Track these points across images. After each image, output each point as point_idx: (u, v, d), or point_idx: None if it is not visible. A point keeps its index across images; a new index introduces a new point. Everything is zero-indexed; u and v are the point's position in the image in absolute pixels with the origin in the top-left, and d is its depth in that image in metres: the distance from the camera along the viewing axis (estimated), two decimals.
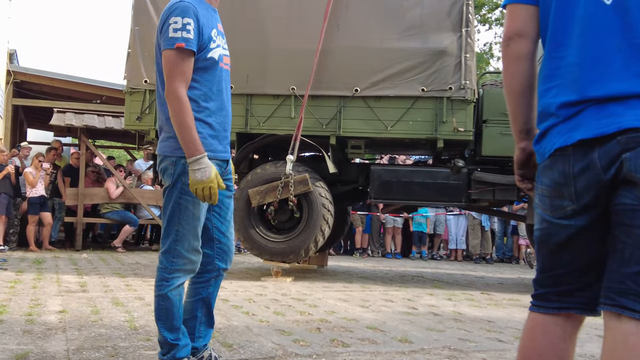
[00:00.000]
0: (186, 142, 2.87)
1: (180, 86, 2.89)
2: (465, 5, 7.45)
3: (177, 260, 3.01)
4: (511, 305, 6.50)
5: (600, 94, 1.76)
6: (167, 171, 3.03)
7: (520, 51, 1.97)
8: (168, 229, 3.02)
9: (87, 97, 13.93)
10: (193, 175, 2.88)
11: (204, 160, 2.89)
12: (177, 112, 2.88)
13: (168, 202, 3.02)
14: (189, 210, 3.00)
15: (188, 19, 2.89)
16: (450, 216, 13.35)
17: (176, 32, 2.87)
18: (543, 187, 1.91)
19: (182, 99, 2.88)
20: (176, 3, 2.94)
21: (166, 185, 3.05)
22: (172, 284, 3.02)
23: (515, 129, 2.06)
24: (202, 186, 2.88)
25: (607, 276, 1.80)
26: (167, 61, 2.91)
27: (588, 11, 1.81)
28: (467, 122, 7.51)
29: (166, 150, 3.03)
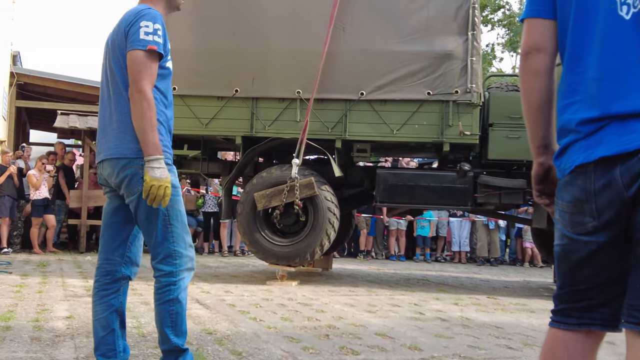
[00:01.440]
0: (149, 141, 2.85)
1: (148, 86, 2.90)
2: (471, 8, 7.43)
3: (179, 261, 2.98)
4: (518, 310, 6.48)
5: (622, 110, 1.74)
6: (136, 176, 2.94)
7: (538, 66, 1.96)
8: (162, 235, 2.96)
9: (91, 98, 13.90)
10: (152, 172, 2.84)
11: (162, 161, 2.89)
12: (144, 111, 2.86)
13: (150, 209, 2.92)
14: (176, 209, 2.98)
15: (159, 24, 2.95)
16: (453, 218, 13.33)
17: (148, 35, 2.90)
18: (564, 202, 1.90)
19: (151, 99, 2.88)
20: (145, 9, 2.99)
21: (137, 192, 2.94)
22: (179, 286, 2.98)
23: (534, 144, 2.04)
24: (158, 184, 2.84)
25: (630, 293, 1.79)
26: (136, 61, 2.90)
27: (607, 26, 1.79)
28: (473, 125, 7.50)
29: (130, 152, 2.95)
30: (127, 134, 2.96)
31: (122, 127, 2.98)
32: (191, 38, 7.96)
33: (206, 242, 12.82)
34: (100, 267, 3.17)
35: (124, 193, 3.01)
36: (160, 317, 2.99)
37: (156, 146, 2.87)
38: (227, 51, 7.83)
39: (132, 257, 3.22)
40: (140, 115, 2.86)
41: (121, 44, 2.98)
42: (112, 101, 3.04)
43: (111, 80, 3.05)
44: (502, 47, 27.49)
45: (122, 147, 2.97)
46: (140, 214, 2.97)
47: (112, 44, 3.05)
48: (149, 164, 2.85)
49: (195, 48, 7.92)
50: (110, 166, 3.00)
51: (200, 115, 7.85)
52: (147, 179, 2.85)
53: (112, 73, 3.04)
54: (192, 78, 7.86)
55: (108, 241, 3.16)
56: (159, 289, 2.99)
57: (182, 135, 8.16)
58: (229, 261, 11.01)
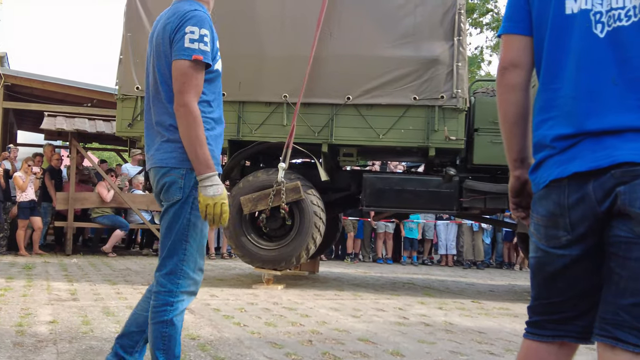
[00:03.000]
0: (199, 158, 2.72)
1: (194, 99, 2.75)
2: (457, 14, 7.47)
3: (182, 282, 2.82)
4: (502, 314, 6.52)
5: (595, 127, 1.78)
6: (174, 185, 2.81)
7: (514, 81, 1.99)
8: (173, 249, 2.82)
9: (78, 100, 13.86)
10: (205, 191, 2.72)
11: (215, 177, 2.75)
12: (190, 127, 2.72)
13: (176, 220, 2.81)
14: (198, 228, 2.83)
15: (205, 30, 2.77)
16: (440, 222, 13.38)
17: (193, 43, 2.73)
18: (538, 216, 1.93)
19: (196, 113, 2.73)
20: (192, 12, 2.79)
21: (172, 200, 2.82)
22: (176, 308, 2.82)
23: (510, 158, 2.07)
24: (213, 202, 2.71)
25: (602, 307, 1.82)
26: (180, 72, 2.74)
27: (582, 44, 1.83)
28: (458, 130, 7.54)
29: (172, 161, 2.82)
30: (170, 142, 2.84)
31: (163, 135, 2.87)
32: None
33: None
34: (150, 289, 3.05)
35: (162, 198, 2.90)
36: (153, 338, 2.85)
37: (207, 163, 2.73)
38: None
39: None
40: (187, 131, 2.73)
41: (166, 50, 2.82)
42: (154, 108, 2.93)
43: (153, 87, 2.92)
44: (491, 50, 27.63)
45: (164, 156, 2.85)
46: (164, 221, 2.86)
47: (156, 46, 2.88)
48: (202, 183, 2.73)
49: None
50: (153, 174, 2.92)
51: None
52: (201, 200, 2.74)
53: (154, 79, 2.91)
54: None
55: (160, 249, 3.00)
56: (155, 306, 2.83)
57: None
58: (215, 264, 11.00)
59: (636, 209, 1.71)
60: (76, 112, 12.32)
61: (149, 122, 2.98)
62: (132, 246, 13.52)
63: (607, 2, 1.81)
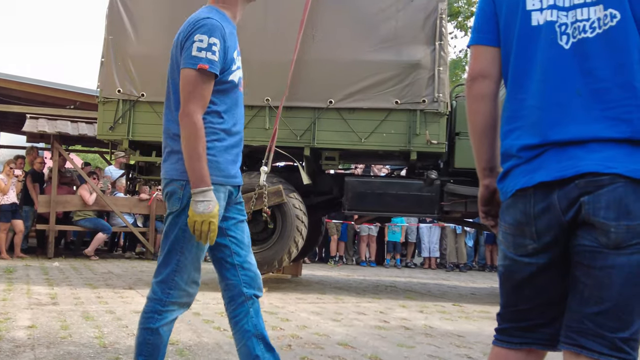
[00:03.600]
0: (194, 171, 2.66)
1: (197, 110, 2.68)
2: (439, 19, 7.51)
3: (173, 292, 2.77)
4: (482, 317, 6.56)
5: (560, 137, 1.81)
6: (174, 195, 2.77)
7: (483, 91, 2.02)
8: (168, 258, 2.78)
9: (61, 102, 13.78)
10: (195, 206, 2.65)
11: (209, 193, 2.67)
12: (189, 138, 2.66)
13: (172, 229, 2.77)
14: (193, 240, 2.76)
15: (215, 39, 2.70)
16: (423, 224, 13.42)
17: (200, 52, 2.67)
18: (506, 224, 1.96)
19: (198, 125, 2.66)
20: (204, 19, 2.73)
21: (171, 210, 2.79)
22: (164, 317, 2.77)
23: (479, 167, 2.10)
24: (201, 219, 2.64)
25: (567, 315, 1.85)
26: (186, 81, 2.69)
27: (547, 55, 1.86)
28: (440, 134, 7.57)
29: (174, 173, 2.79)
30: (174, 154, 2.80)
31: (170, 145, 2.82)
32: (162, 44, 7.93)
33: None
34: (223, 296, 2.97)
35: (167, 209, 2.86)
36: (138, 342, 2.80)
37: (201, 177, 2.66)
38: None
39: (249, 274, 2.95)
40: (186, 141, 2.67)
41: (177, 57, 2.78)
42: (164, 115, 2.89)
43: (167, 93, 2.87)
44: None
45: (169, 167, 2.82)
46: (164, 229, 2.83)
47: (171, 56, 2.84)
48: (194, 197, 2.66)
49: (165, 54, 7.84)
50: (161, 183, 2.88)
51: None
52: (190, 214, 2.67)
53: (168, 88, 2.86)
54: (161, 85, 7.76)
55: (217, 268, 2.96)
56: (145, 312, 2.80)
57: (150, 142, 8.15)
58: None
59: (600, 219, 1.74)
60: (59, 114, 12.24)
61: None
62: (115, 249, 13.47)
63: (572, 14, 1.84)
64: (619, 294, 1.75)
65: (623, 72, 1.78)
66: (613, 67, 1.78)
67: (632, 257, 1.74)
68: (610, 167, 1.73)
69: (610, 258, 1.75)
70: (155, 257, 12.06)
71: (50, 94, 13.84)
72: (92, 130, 11.72)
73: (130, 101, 7.86)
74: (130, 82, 7.82)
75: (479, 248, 13.80)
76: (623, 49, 1.78)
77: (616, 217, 1.73)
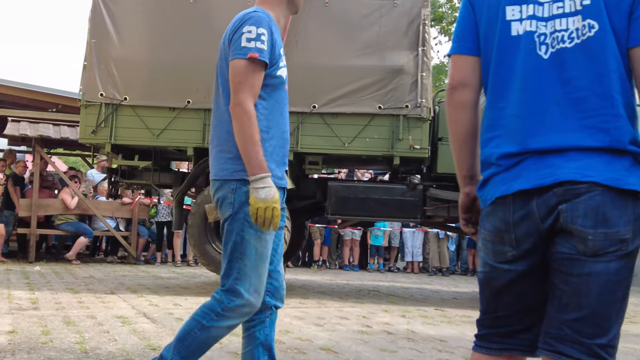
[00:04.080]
0: (251, 158, 2.60)
1: (249, 99, 2.64)
2: (422, 24, 7.56)
3: (236, 300, 2.69)
4: (464, 322, 6.59)
5: (539, 146, 1.83)
6: (225, 201, 2.72)
7: (463, 100, 2.04)
8: (230, 267, 2.71)
9: (43, 105, 13.69)
10: (256, 193, 2.58)
11: (268, 179, 2.61)
12: (244, 126, 2.61)
13: (229, 237, 2.70)
14: (252, 245, 2.69)
15: (263, 29, 2.69)
16: (406, 229, 13.46)
17: (249, 42, 2.65)
18: (486, 232, 1.98)
19: (251, 112, 2.63)
20: (250, 12, 2.74)
21: (224, 217, 2.73)
22: (220, 321, 2.70)
23: (460, 175, 2.13)
24: (264, 206, 2.58)
25: (546, 322, 1.87)
26: (236, 71, 2.67)
27: (527, 64, 1.88)
28: (422, 139, 7.62)
29: (224, 173, 2.72)
30: (224, 152, 2.74)
31: (220, 144, 2.77)
32: (145, 48, 7.93)
33: (159, 252, 12.71)
34: None
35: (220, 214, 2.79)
36: (183, 330, 2.74)
37: (259, 164, 2.60)
38: (180, 62, 7.81)
39: (275, 284, 2.93)
40: (240, 130, 2.63)
41: (226, 52, 2.77)
42: (213, 115, 2.86)
43: (215, 92, 2.85)
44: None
45: (218, 168, 2.76)
46: (223, 238, 2.76)
47: (219, 52, 2.84)
48: (253, 184, 2.59)
49: (148, 58, 7.89)
50: (211, 186, 2.83)
51: (152, 126, 7.81)
52: (252, 202, 2.60)
53: (217, 84, 2.85)
54: (144, 89, 7.83)
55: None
56: (205, 305, 2.75)
57: (132, 145, 8.13)
58: (181, 271, 10.94)
59: (578, 227, 1.76)
60: (40, 117, 12.16)
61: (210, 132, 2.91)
62: (97, 253, 13.38)
63: (551, 24, 1.86)
64: (597, 301, 1.77)
65: (601, 81, 1.81)
66: (591, 76, 1.81)
67: (610, 265, 1.77)
68: (587, 175, 1.76)
69: (588, 265, 1.77)
70: (137, 262, 12.02)
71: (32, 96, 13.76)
72: (74, 134, 11.64)
73: (112, 105, 7.83)
74: (113, 86, 7.80)
75: (462, 252, 13.87)
76: (601, 59, 1.81)
77: (594, 225, 1.75)
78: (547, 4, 1.87)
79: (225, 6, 7.84)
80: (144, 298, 7.11)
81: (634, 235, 1.78)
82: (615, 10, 1.80)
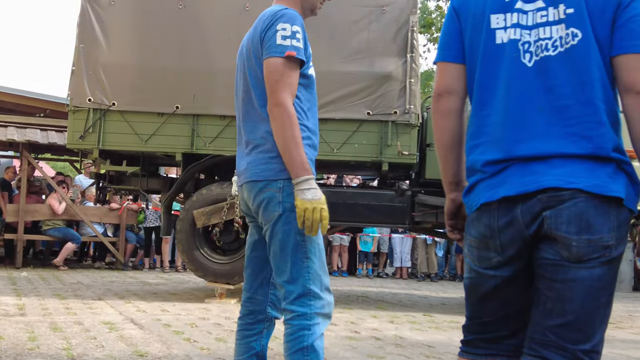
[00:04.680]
0: (295, 160, 2.48)
1: (289, 98, 2.53)
2: (410, 31, 7.59)
3: (314, 303, 2.53)
4: (452, 327, 6.61)
5: (523, 153, 1.85)
6: (273, 200, 2.55)
7: (449, 107, 2.05)
8: (296, 271, 2.53)
9: (30, 110, 13.64)
10: (303, 195, 2.46)
11: (312, 181, 2.50)
12: (286, 127, 2.50)
13: (286, 238, 2.54)
14: (314, 242, 2.57)
15: (297, 26, 2.59)
16: (395, 235, 13.48)
17: (285, 40, 2.55)
18: (471, 238, 1.99)
19: (292, 112, 2.52)
20: (282, 10, 2.62)
21: (274, 217, 2.55)
22: (314, 332, 2.51)
23: (446, 181, 2.14)
24: (312, 207, 2.45)
25: (530, 327, 1.88)
26: (273, 70, 2.54)
27: (511, 72, 1.90)
28: (411, 145, 7.64)
29: (269, 173, 2.57)
30: (265, 152, 2.60)
31: (259, 144, 2.62)
32: (133, 54, 7.92)
33: (147, 258, 12.66)
34: (243, 304, 2.81)
35: (261, 221, 2.61)
36: None
37: (303, 165, 2.49)
38: (169, 68, 7.81)
39: (279, 297, 2.74)
40: (282, 131, 2.51)
41: (257, 51, 2.63)
42: (244, 118, 2.72)
43: (245, 94, 2.71)
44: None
45: (261, 168, 2.60)
46: (274, 245, 2.57)
47: (247, 51, 2.70)
48: (298, 187, 2.48)
49: (137, 64, 7.88)
50: (248, 189, 2.64)
51: (140, 132, 7.79)
52: (298, 204, 2.47)
53: (246, 85, 2.70)
54: (132, 94, 7.82)
55: (250, 277, 2.78)
56: (290, 334, 2.53)
57: (121, 151, 8.11)
58: (169, 277, 10.91)
59: (562, 233, 1.78)
60: (28, 122, 12.11)
61: (240, 137, 2.77)
62: (84, 259, 13.32)
63: (535, 32, 1.88)
64: (581, 307, 1.79)
65: (584, 89, 1.83)
66: (574, 84, 1.83)
67: (594, 271, 1.79)
68: (571, 182, 1.77)
69: (572, 271, 1.79)
70: (125, 268, 11.96)
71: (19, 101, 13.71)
72: (62, 139, 11.59)
73: (101, 110, 7.81)
74: (101, 91, 7.77)
75: (450, 258, 13.91)
76: (584, 67, 1.83)
77: (577, 232, 1.77)
78: (531, 13, 1.89)
79: (213, 12, 7.86)
80: (132, 304, 7.09)
81: (617, 241, 1.80)
82: (598, 19, 1.82)
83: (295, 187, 2.50)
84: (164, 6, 7.92)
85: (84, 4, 7.86)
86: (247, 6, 7.75)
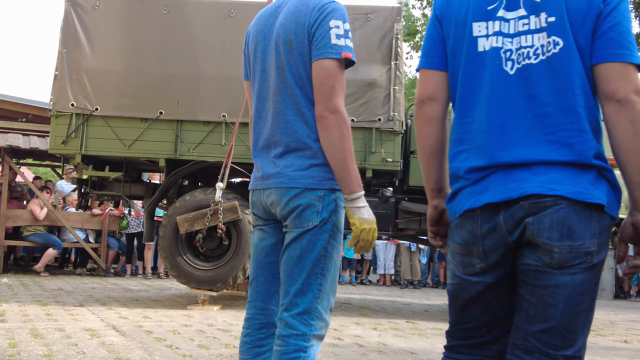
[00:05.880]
0: (351, 174, 2.32)
1: (343, 105, 2.34)
2: (395, 39, 7.63)
3: (315, 324, 2.36)
4: (435, 334, 6.62)
5: (506, 160, 1.86)
6: (310, 208, 2.35)
7: (431, 114, 2.07)
8: (308, 284, 2.37)
9: (12, 115, 13.52)
10: (359, 213, 2.32)
11: (363, 198, 2.36)
12: (344, 138, 2.31)
13: (310, 249, 2.36)
14: (333, 260, 2.41)
15: (348, 24, 2.37)
16: (379, 241, 13.50)
17: (339, 39, 2.32)
18: (454, 244, 2.00)
19: (348, 121, 2.34)
20: (330, 3, 2.37)
21: (307, 226, 2.35)
22: (309, 355, 2.35)
23: (428, 188, 2.15)
24: (369, 227, 2.33)
25: (513, 333, 1.89)
26: (329, 72, 2.31)
27: (493, 80, 1.91)
28: (395, 152, 7.67)
29: (309, 181, 2.35)
30: (307, 158, 2.37)
31: (300, 148, 2.39)
32: (117, 59, 7.89)
33: (129, 264, 12.58)
34: (252, 318, 2.54)
35: (289, 224, 2.39)
36: None
37: (357, 180, 2.34)
38: (153, 73, 7.79)
39: None
40: (340, 142, 2.31)
41: (302, 47, 2.36)
42: (278, 116, 2.43)
43: (278, 90, 2.43)
44: None
45: (299, 174, 2.37)
46: (294, 249, 2.38)
47: (285, 43, 2.40)
48: (354, 203, 2.32)
49: (121, 69, 7.86)
50: (278, 194, 2.40)
51: (123, 137, 7.75)
52: (356, 223, 2.32)
53: (283, 81, 2.41)
54: (116, 99, 7.78)
55: (263, 285, 2.53)
56: (285, 353, 2.34)
57: (103, 156, 8.06)
58: (151, 284, 10.84)
59: (544, 239, 1.79)
60: (10, 127, 12.00)
61: (260, 137, 2.52)
62: (65, 265, 13.20)
63: (517, 40, 1.90)
64: (563, 313, 1.80)
65: (566, 97, 1.84)
66: (556, 92, 1.84)
67: (576, 277, 1.80)
68: (553, 189, 1.79)
69: (554, 277, 1.80)
70: (107, 274, 11.87)
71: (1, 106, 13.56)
72: (44, 144, 11.51)
73: (84, 115, 7.76)
74: (84, 96, 7.73)
75: (433, 265, 13.96)
76: (565, 75, 1.84)
77: (559, 238, 1.78)
78: (512, 21, 1.90)
79: (198, 17, 7.86)
80: (113, 310, 7.04)
81: (599, 248, 1.82)
82: (580, 28, 1.84)
83: (351, 204, 2.34)
84: (149, 11, 7.90)
85: (67, 8, 7.83)
86: (231, 12, 7.75)
